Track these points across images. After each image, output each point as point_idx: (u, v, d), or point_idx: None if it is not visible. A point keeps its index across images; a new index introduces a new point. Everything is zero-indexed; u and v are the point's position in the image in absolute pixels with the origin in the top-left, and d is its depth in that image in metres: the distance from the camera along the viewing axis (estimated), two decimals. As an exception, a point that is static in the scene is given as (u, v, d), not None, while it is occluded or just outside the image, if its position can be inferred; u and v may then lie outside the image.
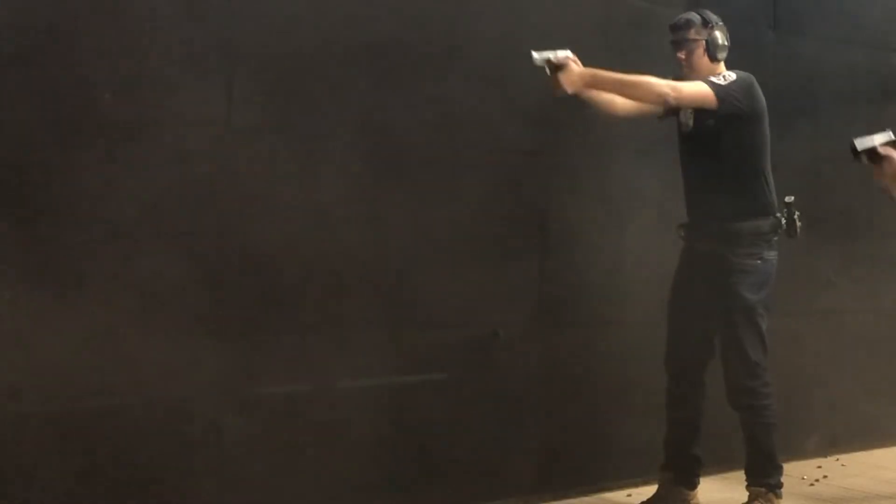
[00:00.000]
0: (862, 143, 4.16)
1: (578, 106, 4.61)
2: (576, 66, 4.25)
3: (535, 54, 4.19)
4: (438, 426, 4.44)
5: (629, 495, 4.88)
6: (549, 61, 4.18)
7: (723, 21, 4.53)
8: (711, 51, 4.47)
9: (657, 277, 4.69)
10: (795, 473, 5.25)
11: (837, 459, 5.72)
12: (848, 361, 5.85)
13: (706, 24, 4.48)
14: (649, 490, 4.73)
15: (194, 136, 3.82)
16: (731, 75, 4.41)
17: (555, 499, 4.75)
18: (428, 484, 4.41)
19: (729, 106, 4.35)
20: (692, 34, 4.47)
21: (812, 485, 5.23)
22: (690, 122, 4.53)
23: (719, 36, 4.49)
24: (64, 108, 3.57)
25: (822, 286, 5.73)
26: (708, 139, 4.44)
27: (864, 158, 4.16)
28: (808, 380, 5.67)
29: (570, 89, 4.25)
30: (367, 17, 4.19)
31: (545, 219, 4.73)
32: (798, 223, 4.55)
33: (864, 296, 5.94)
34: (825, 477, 5.36)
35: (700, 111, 4.45)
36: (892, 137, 4.16)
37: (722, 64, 4.51)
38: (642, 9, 4.98)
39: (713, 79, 4.38)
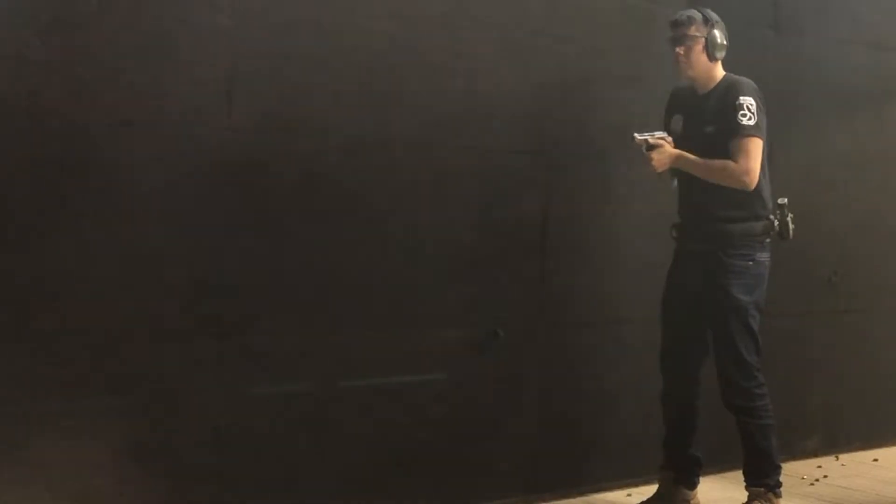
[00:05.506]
0: None
1: (579, 106, 4.61)
2: (669, 148, 4.47)
3: (636, 136, 4.48)
4: (438, 426, 4.44)
5: (629, 495, 4.88)
6: (646, 141, 4.47)
7: (723, 21, 4.53)
8: (710, 49, 4.46)
9: (657, 277, 4.68)
10: (795, 473, 5.25)
11: (837, 459, 5.73)
12: (848, 361, 5.85)
13: (707, 21, 4.48)
14: (649, 490, 4.73)
15: (194, 135, 3.83)
16: (751, 102, 4.39)
17: (554, 498, 4.76)
18: (428, 483, 4.42)
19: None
20: (693, 31, 4.46)
21: (812, 485, 5.23)
22: (679, 129, 4.54)
23: (718, 35, 4.48)
24: (64, 108, 3.58)
25: (821, 286, 5.74)
26: (703, 142, 4.44)
27: None
28: (808, 380, 5.67)
29: (659, 168, 4.48)
30: (367, 17, 4.19)
31: (545, 219, 4.73)
32: (791, 225, 4.55)
33: (863, 296, 5.94)
34: (825, 477, 5.36)
35: (699, 117, 4.48)
36: None
37: (719, 64, 4.51)
38: (642, 8, 4.98)
39: (744, 121, 4.37)
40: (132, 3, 3.69)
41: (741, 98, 4.40)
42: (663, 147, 4.47)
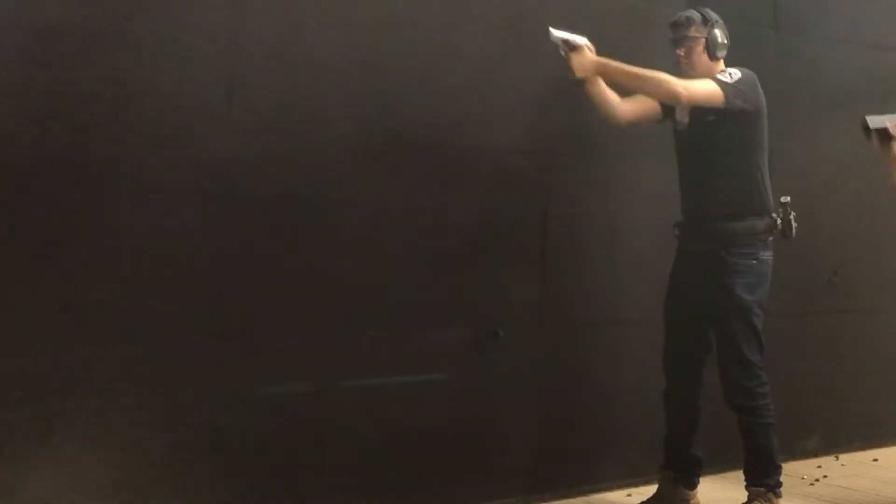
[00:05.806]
0: (874, 121, 4.14)
1: (579, 106, 4.62)
2: (590, 53, 4.32)
3: (553, 31, 4.25)
4: (438, 426, 4.44)
5: (629, 495, 4.88)
6: (565, 41, 4.25)
7: (723, 21, 4.53)
8: (711, 49, 4.47)
9: (657, 277, 4.68)
10: (795, 473, 5.25)
11: (837, 459, 5.73)
12: (848, 361, 5.85)
13: (706, 22, 4.48)
14: (649, 490, 4.73)
15: (194, 135, 3.82)
16: (737, 73, 4.39)
17: (555, 498, 4.76)
18: (428, 483, 4.41)
19: (734, 104, 4.35)
20: (693, 32, 4.46)
21: (812, 485, 5.23)
22: (686, 120, 4.53)
23: (719, 34, 4.49)
24: (65, 107, 3.57)
25: (821, 286, 5.73)
26: (705, 136, 4.44)
27: (875, 138, 4.14)
28: (808, 380, 5.67)
29: (580, 74, 4.33)
30: (367, 17, 4.19)
31: (545, 219, 4.73)
32: (794, 224, 4.55)
33: (863, 296, 5.94)
34: (825, 477, 5.36)
35: (699, 108, 4.45)
36: None
37: (721, 63, 4.51)
38: (640, 8, 4.98)
39: (720, 76, 4.37)
40: (132, 3, 3.69)
41: (730, 69, 4.41)
42: (583, 51, 4.32)
